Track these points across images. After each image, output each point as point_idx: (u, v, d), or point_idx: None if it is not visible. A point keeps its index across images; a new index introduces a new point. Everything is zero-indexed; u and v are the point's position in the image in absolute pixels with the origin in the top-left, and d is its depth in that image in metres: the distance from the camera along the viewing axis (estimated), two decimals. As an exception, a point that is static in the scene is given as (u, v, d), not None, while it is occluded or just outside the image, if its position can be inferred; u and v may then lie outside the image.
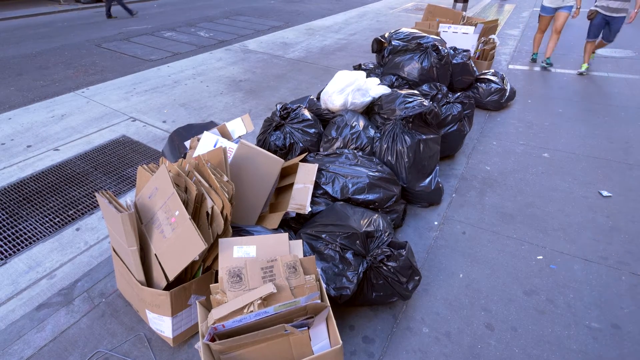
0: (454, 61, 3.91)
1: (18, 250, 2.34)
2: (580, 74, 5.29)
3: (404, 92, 2.90)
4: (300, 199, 2.13)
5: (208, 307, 1.57)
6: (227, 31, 7.79)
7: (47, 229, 2.50)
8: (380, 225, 1.96)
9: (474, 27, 4.87)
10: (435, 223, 2.59)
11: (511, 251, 2.35)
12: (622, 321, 1.92)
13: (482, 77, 4.28)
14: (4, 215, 2.62)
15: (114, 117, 4.04)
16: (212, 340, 1.36)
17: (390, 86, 3.57)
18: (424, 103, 2.70)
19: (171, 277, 1.56)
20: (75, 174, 3.07)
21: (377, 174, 2.34)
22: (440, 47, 3.64)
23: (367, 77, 3.23)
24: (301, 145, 2.66)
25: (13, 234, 2.46)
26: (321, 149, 2.72)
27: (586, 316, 1.94)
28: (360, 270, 1.81)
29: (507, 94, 4.24)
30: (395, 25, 8.25)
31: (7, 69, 5.53)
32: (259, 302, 1.35)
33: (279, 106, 2.80)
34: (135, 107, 4.28)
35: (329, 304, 1.49)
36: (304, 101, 3.16)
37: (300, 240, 1.65)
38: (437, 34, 4.77)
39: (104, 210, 1.69)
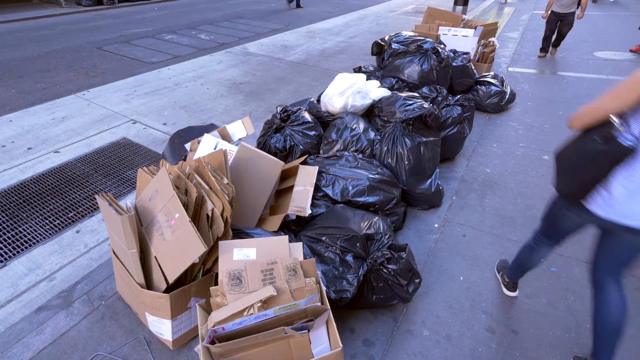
0: (454, 64, 3.92)
1: (18, 252, 2.33)
2: None
3: (404, 94, 2.90)
4: (301, 201, 2.13)
5: (208, 309, 1.57)
6: (227, 34, 7.81)
7: (47, 232, 2.50)
8: (380, 228, 1.96)
9: (473, 29, 4.88)
10: (436, 225, 2.58)
11: (512, 254, 2.34)
12: (623, 324, 1.91)
13: (482, 79, 4.29)
14: (4, 217, 2.61)
15: (115, 120, 4.04)
16: (212, 343, 1.36)
17: (390, 89, 3.58)
18: (424, 105, 2.71)
19: (171, 280, 1.56)
20: (75, 176, 3.08)
21: (377, 176, 2.34)
22: (440, 50, 3.64)
23: (367, 79, 3.23)
24: (301, 147, 2.67)
25: (13, 236, 2.46)
26: (321, 152, 2.72)
27: (587, 319, 1.94)
28: (360, 273, 1.81)
29: (507, 97, 4.25)
30: (395, 28, 8.28)
31: (8, 71, 5.54)
32: (259, 304, 1.35)
33: (279, 108, 2.80)
34: (135, 110, 4.28)
35: (329, 307, 1.48)
36: (304, 103, 3.16)
37: (301, 243, 1.65)
38: (437, 37, 4.79)
39: (104, 212, 1.69)
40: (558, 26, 5.95)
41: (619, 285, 1.55)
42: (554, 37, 6.16)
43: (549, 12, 5.91)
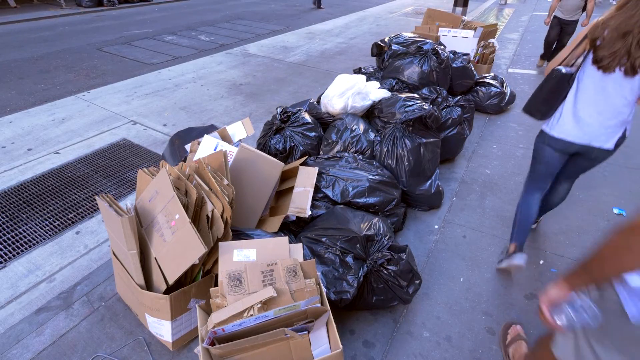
0: (454, 65, 3.93)
1: (18, 253, 2.33)
2: None
3: (404, 95, 2.91)
4: (301, 202, 2.13)
5: (208, 310, 1.57)
6: (227, 35, 7.82)
7: (47, 233, 2.50)
8: (380, 229, 1.96)
9: (473, 31, 4.89)
10: (436, 226, 2.58)
11: (512, 255, 2.34)
12: (624, 325, 1.91)
13: (481, 80, 4.29)
14: (4, 218, 2.61)
15: (115, 121, 4.04)
16: (212, 344, 1.36)
17: (390, 90, 3.58)
18: (424, 106, 2.71)
19: (171, 281, 1.56)
20: (75, 177, 3.08)
21: (377, 177, 2.34)
22: (440, 51, 3.65)
23: (367, 80, 3.24)
24: (301, 148, 2.67)
25: (13, 237, 2.46)
26: (321, 153, 2.72)
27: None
28: (360, 274, 1.81)
29: (506, 98, 4.25)
30: (394, 29, 8.29)
31: (9, 72, 5.55)
32: (259, 306, 1.35)
33: (279, 110, 2.80)
34: (135, 111, 4.29)
35: (329, 308, 1.48)
36: (304, 105, 3.16)
37: (301, 244, 1.65)
38: (437, 38, 4.79)
39: (104, 213, 1.69)
40: (560, 34, 5.52)
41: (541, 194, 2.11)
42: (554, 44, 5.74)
43: (552, 17, 5.50)
